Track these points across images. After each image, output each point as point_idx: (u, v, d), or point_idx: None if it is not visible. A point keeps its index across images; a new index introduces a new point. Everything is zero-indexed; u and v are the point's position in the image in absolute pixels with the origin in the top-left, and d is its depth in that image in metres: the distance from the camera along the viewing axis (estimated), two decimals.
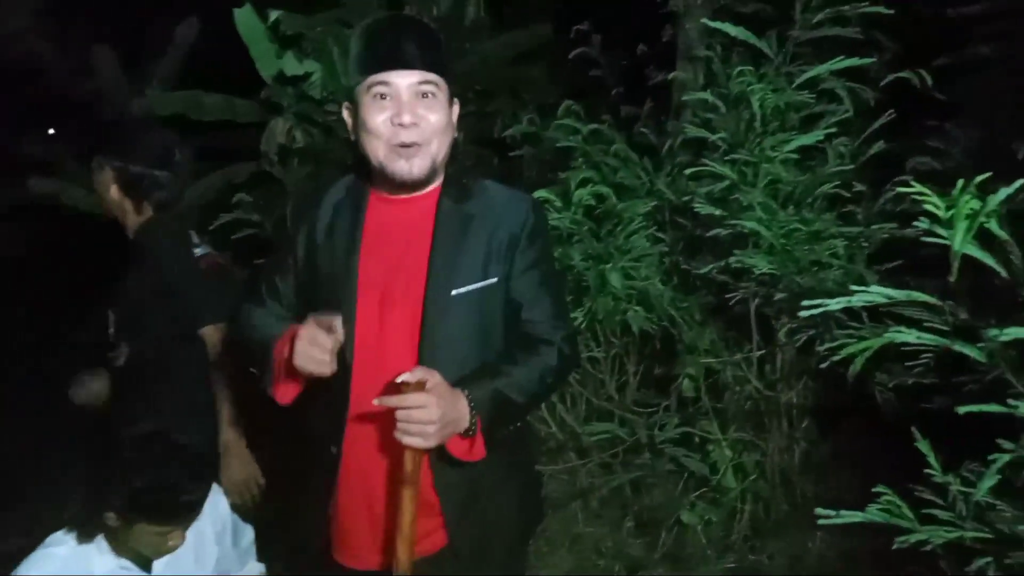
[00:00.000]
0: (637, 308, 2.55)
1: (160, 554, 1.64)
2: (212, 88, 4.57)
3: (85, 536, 1.63)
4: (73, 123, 5.05)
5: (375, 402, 1.29)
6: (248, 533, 1.96)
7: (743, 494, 2.57)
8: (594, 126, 2.85)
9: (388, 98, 1.38)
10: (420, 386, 1.28)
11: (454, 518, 1.48)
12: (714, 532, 2.60)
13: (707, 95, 2.57)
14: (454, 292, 1.40)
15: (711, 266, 2.43)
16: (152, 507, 1.53)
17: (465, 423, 1.33)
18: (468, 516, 1.49)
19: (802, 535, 2.49)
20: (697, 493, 2.57)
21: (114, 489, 1.53)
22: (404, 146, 1.38)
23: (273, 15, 4.03)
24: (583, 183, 2.65)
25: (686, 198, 2.55)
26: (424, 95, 1.39)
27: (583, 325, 2.60)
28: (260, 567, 2.01)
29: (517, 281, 1.45)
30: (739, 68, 2.51)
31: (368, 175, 1.47)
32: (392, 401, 1.27)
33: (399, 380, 1.30)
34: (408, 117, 1.37)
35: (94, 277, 2.54)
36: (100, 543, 1.65)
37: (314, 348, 1.32)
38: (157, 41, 5.19)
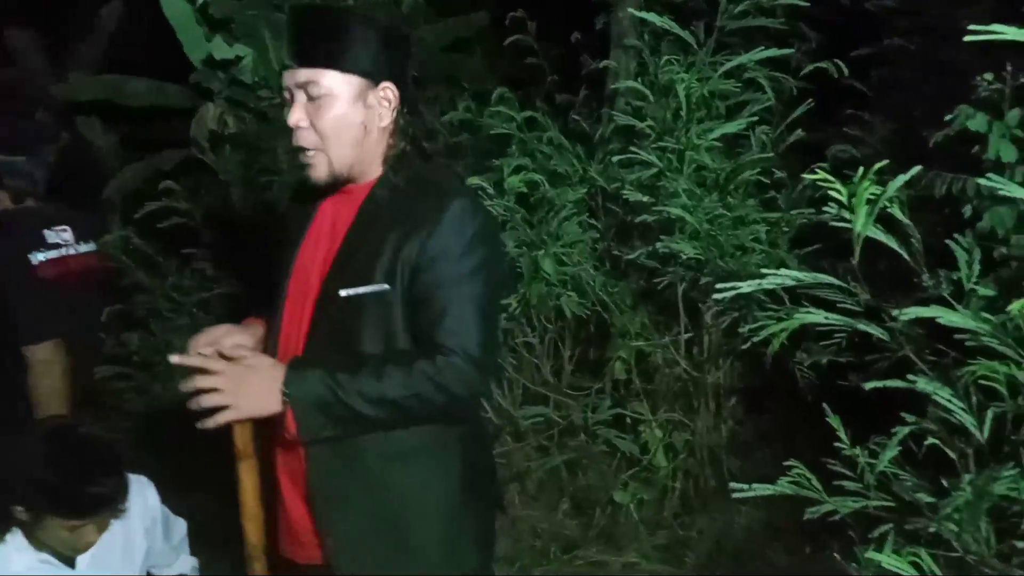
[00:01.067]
0: (570, 293, 2.59)
1: (77, 551, 1.60)
2: (139, 73, 4.44)
3: None
4: None
5: (171, 359, 1.32)
6: (180, 527, 1.93)
7: (673, 472, 2.65)
8: (529, 113, 2.87)
9: (289, 98, 1.34)
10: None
11: (336, 538, 1.38)
12: (646, 510, 2.67)
13: (637, 83, 2.62)
14: (342, 293, 1.32)
15: (640, 251, 2.49)
16: (55, 500, 1.49)
17: (275, 403, 1.26)
18: (357, 540, 1.38)
19: (729, 510, 2.58)
20: (629, 473, 2.64)
21: (17, 482, 1.50)
22: (302, 150, 1.34)
23: None
24: (516, 170, 2.68)
25: (616, 185, 2.60)
26: (312, 96, 1.30)
27: (517, 311, 2.64)
28: (193, 561, 1.99)
29: (419, 289, 1.30)
30: (667, 58, 2.57)
31: None
32: (187, 360, 1.30)
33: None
34: (293, 119, 1.32)
35: None
36: (16, 539, 1.60)
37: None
38: (80, 24, 5.00)
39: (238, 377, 1.26)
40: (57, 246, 2.14)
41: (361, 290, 1.31)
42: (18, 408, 2.03)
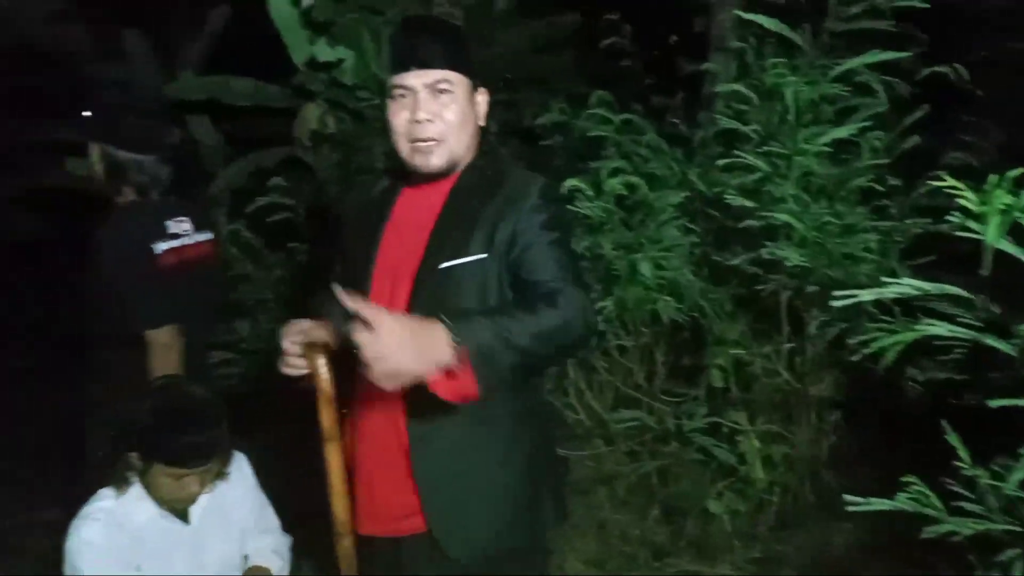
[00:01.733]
0: (667, 298, 2.57)
1: (180, 501, 1.73)
2: (243, 74, 4.62)
3: (121, 484, 1.74)
4: (104, 107, 5.09)
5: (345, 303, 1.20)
6: (272, 515, 2.03)
7: (770, 485, 2.59)
8: (626, 116, 2.86)
9: (407, 97, 1.47)
10: (319, 347, 1.42)
11: (431, 502, 1.48)
12: (740, 522, 2.62)
13: (740, 87, 2.57)
14: (442, 266, 1.43)
15: (742, 257, 2.44)
16: (157, 447, 1.64)
17: (445, 354, 1.20)
18: (445, 501, 1.48)
19: (828, 528, 2.51)
20: (725, 483, 2.59)
21: (131, 430, 1.66)
22: (422, 141, 1.46)
23: (306, 1, 4.07)
24: (614, 172, 2.67)
25: (717, 189, 2.56)
26: (440, 92, 1.46)
27: (612, 314, 2.63)
28: (287, 539, 2.08)
29: (520, 254, 1.42)
30: (773, 60, 2.51)
31: (402, 165, 1.55)
32: (357, 305, 1.19)
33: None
34: (423, 114, 1.45)
35: None
36: (138, 491, 1.75)
37: (282, 354, 1.49)
38: (189, 26, 5.24)
39: (407, 333, 1.18)
40: (177, 236, 2.23)
41: (460, 261, 1.43)
42: (138, 383, 2.15)
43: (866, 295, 1.48)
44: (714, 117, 2.81)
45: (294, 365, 1.48)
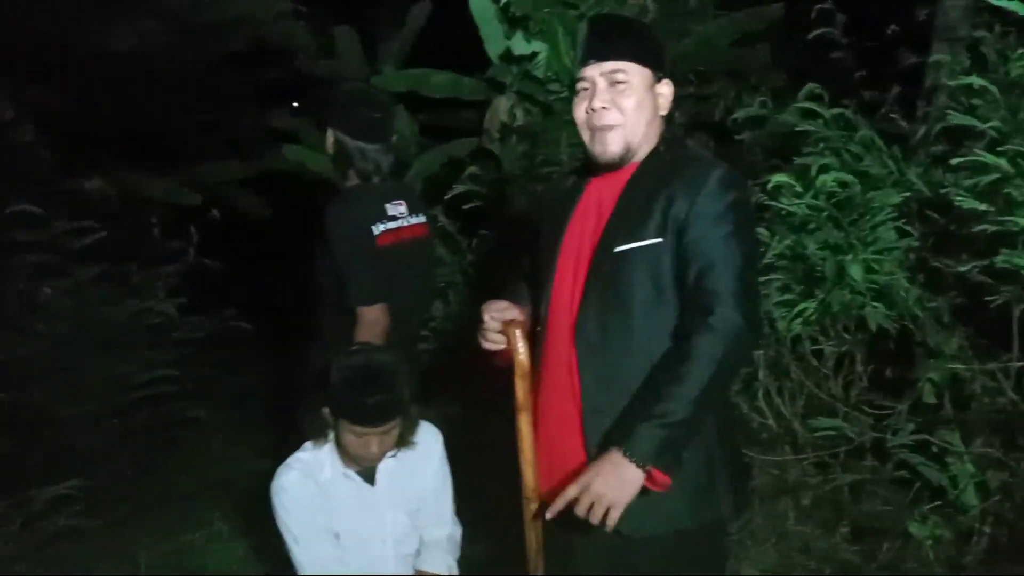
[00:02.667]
0: (877, 304, 2.41)
1: (362, 459, 1.88)
2: (437, 67, 4.84)
3: (319, 438, 1.92)
4: (315, 98, 5.54)
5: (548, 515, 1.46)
6: (449, 493, 2.14)
7: (983, 514, 2.37)
8: (838, 110, 2.71)
9: (588, 89, 1.56)
10: (518, 324, 1.56)
11: None
12: (945, 550, 2.42)
13: (978, 79, 2.36)
14: (617, 249, 1.49)
15: (971, 265, 2.24)
16: (342, 405, 1.82)
17: (637, 475, 1.38)
18: None
19: None
20: (930, 506, 2.40)
21: (325, 388, 1.84)
22: (600, 128, 1.54)
23: None
24: (823, 169, 2.53)
25: (943, 190, 2.37)
26: (616, 82, 1.53)
27: (813, 317, 2.51)
28: (459, 530, 2.17)
29: (690, 243, 1.45)
30: (1020, 51, 2.28)
31: (590, 157, 1.64)
32: (558, 507, 1.42)
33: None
34: (598, 102, 1.53)
35: None
36: (331, 449, 1.93)
37: (483, 329, 1.61)
38: (392, 22, 5.56)
39: (604, 484, 1.38)
40: (395, 218, 2.39)
41: (634, 244, 1.48)
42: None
43: None
44: (938, 112, 2.60)
45: (492, 340, 1.61)
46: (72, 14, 4.52)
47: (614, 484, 1.36)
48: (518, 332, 1.56)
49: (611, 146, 1.54)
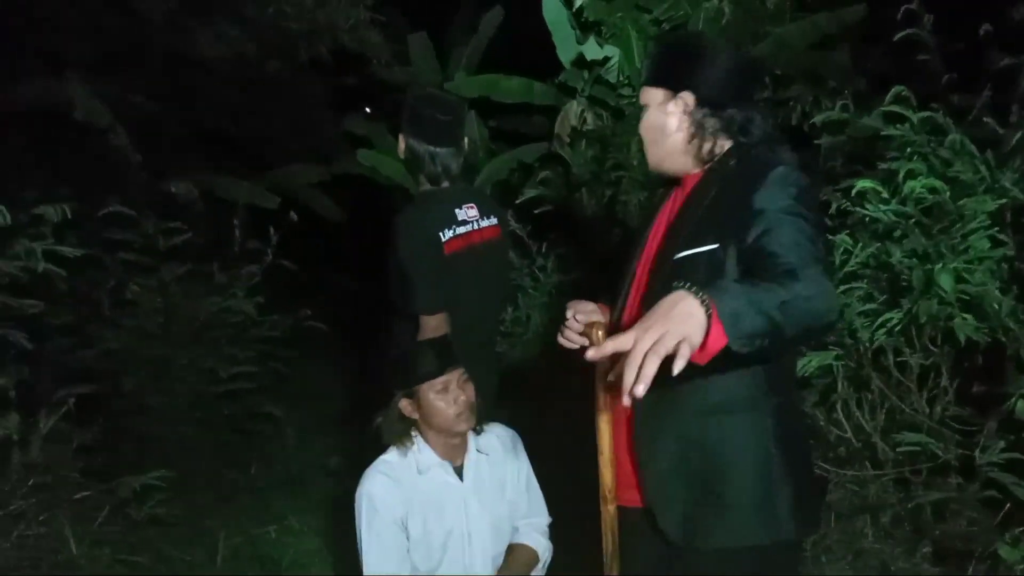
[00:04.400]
0: (966, 315, 2.31)
1: (454, 422, 1.95)
2: (508, 72, 4.88)
3: (403, 439, 2.00)
4: (389, 103, 5.65)
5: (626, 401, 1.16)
6: (537, 490, 2.17)
7: None
8: (926, 114, 2.61)
9: None
10: (601, 325, 1.51)
11: (653, 483, 1.54)
12: None
13: None
14: (676, 256, 1.48)
15: None
16: (415, 366, 1.95)
17: (700, 313, 1.16)
18: (656, 478, 1.54)
19: None
20: (1021, 529, 2.29)
21: (396, 372, 1.98)
22: None
23: (578, 2, 4.20)
24: (909, 174, 2.45)
25: None
26: (644, 106, 1.61)
27: (898, 327, 2.42)
28: (545, 524, 2.18)
29: (757, 237, 1.39)
30: None
31: None
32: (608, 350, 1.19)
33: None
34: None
35: None
36: (420, 444, 1.99)
37: (565, 327, 1.61)
38: (464, 28, 5.63)
39: (663, 317, 1.16)
40: (465, 223, 2.40)
41: (692, 251, 1.47)
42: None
43: None
44: None
45: (571, 339, 1.62)
46: (162, 23, 4.74)
47: (675, 315, 1.15)
48: (600, 333, 1.54)
49: (649, 162, 1.65)
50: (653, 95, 1.59)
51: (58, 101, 4.48)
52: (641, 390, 1.10)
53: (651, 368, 1.10)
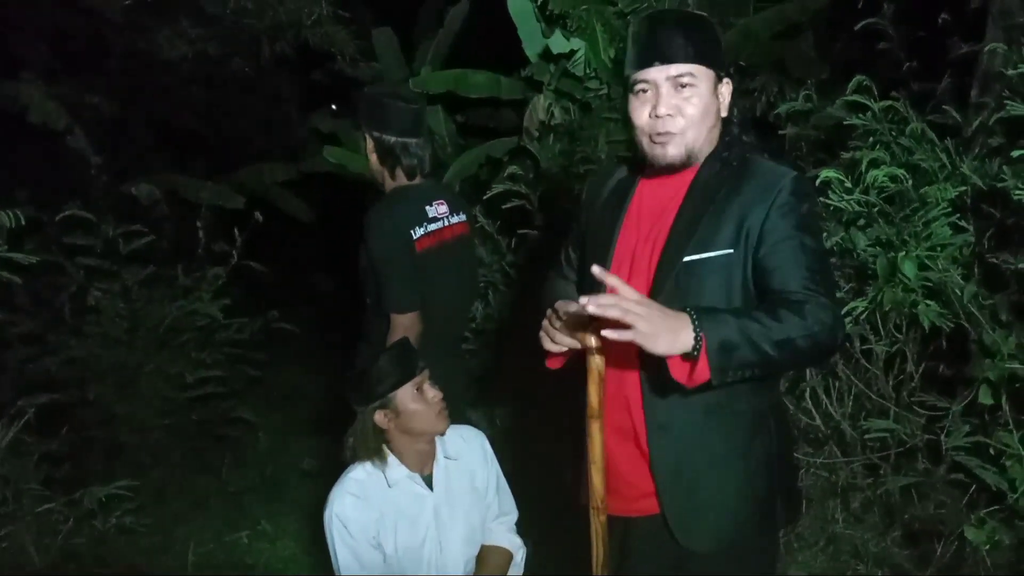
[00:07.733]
0: (929, 302, 2.33)
1: (431, 422, 1.91)
2: (475, 67, 4.84)
3: (375, 454, 1.93)
4: (355, 100, 5.58)
5: (583, 301, 1.20)
6: (507, 492, 2.15)
7: None
8: (887, 103, 2.63)
9: (648, 92, 1.48)
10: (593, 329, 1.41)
11: (665, 487, 1.53)
12: (1002, 555, 2.33)
13: None
14: (687, 258, 1.44)
15: None
16: (388, 370, 1.90)
17: (688, 339, 1.22)
18: (681, 489, 1.53)
19: None
20: (987, 510, 2.32)
21: (366, 382, 1.90)
22: (663, 134, 1.47)
23: None
24: (872, 163, 2.47)
25: (1000, 184, 2.28)
26: (682, 86, 1.46)
27: (863, 316, 2.44)
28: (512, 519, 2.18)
29: (768, 254, 1.40)
30: None
31: (642, 157, 1.57)
32: (618, 285, 1.23)
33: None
34: (664, 108, 1.46)
35: None
36: (391, 459, 1.94)
37: (546, 329, 1.49)
38: (429, 24, 5.58)
39: (655, 315, 1.23)
40: (435, 219, 2.37)
41: (706, 255, 1.44)
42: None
43: None
44: (995, 103, 2.51)
45: (558, 341, 1.50)
46: (120, 22, 4.64)
47: (658, 317, 1.21)
48: (594, 335, 1.46)
49: (671, 151, 1.48)
50: (706, 77, 1.47)
51: (13, 103, 4.36)
52: (592, 308, 1.19)
53: (612, 311, 1.19)
